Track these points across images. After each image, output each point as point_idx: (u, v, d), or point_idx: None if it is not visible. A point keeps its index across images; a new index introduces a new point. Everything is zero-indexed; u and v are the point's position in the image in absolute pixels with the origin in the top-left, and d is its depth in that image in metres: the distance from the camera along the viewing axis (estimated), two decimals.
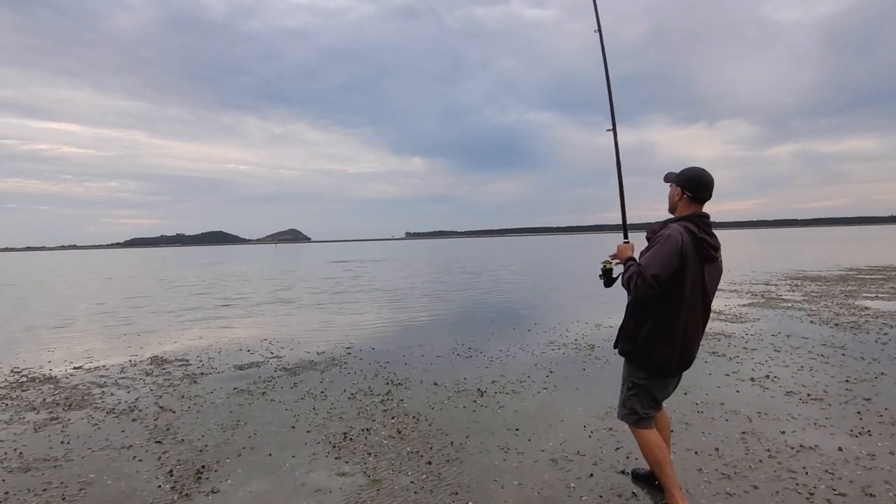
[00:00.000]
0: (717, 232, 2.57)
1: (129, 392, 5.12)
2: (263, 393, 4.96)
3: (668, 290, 2.42)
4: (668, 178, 2.65)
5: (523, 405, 4.41)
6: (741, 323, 7.88)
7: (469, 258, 35.75)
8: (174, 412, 4.45)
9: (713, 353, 6.01)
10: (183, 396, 4.91)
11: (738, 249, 35.63)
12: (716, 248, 2.50)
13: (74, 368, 6.19)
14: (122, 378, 5.67)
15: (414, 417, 4.16)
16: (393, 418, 4.16)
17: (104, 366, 6.28)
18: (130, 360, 6.53)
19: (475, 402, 4.53)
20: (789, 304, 9.51)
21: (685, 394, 4.51)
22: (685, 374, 2.73)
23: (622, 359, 2.74)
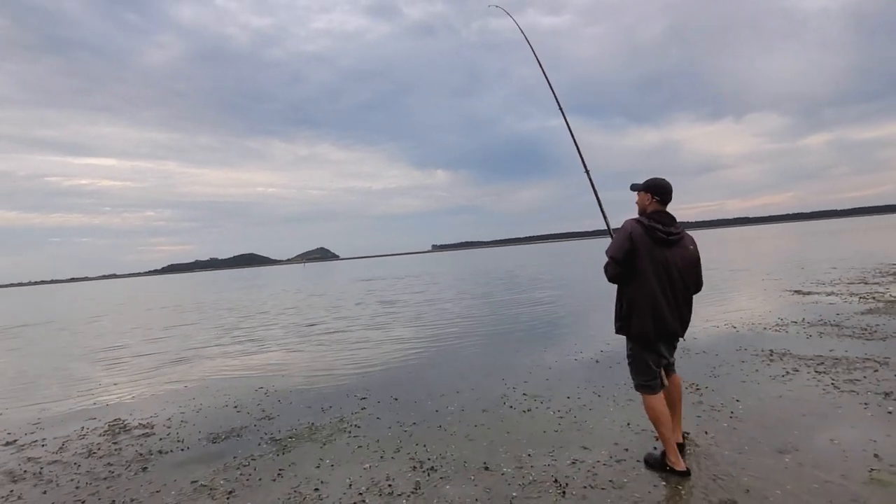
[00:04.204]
0: (752, 227, 1.22)
1: (45, 492, 3.56)
2: (230, 492, 3.32)
3: (630, 270, 2.97)
4: (635, 187, 3.16)
5: None
6: (881, 340, 5.90)
7: (499, 269, 33.78)
8: None
9: (885, 392, 4.11)
10: (114, 502, 3.33)
11: (787, 245, 32.73)
12: (668, 233, 2.94)
13: (6, 444, 4.71)
14: (54, 462, 4.13)
15: None
16: None
17: (44, 438, 4.78)
18: (82, 428, 5.01)
19: None
20: None
21: (875, 461, 2.67)
22: (857, 443, 2.63)
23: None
